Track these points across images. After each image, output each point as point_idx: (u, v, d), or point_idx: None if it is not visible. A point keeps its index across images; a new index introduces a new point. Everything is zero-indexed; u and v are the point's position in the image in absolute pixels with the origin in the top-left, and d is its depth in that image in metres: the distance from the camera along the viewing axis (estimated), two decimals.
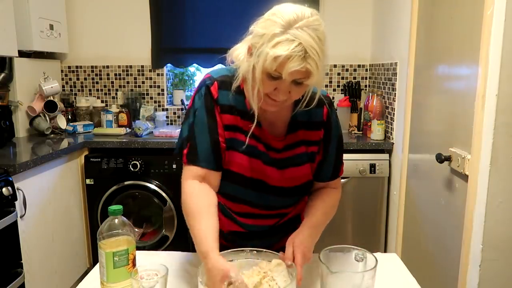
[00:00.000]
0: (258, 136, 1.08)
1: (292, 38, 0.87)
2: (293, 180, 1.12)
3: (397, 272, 1.12)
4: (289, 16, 0.89)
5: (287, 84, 0.93)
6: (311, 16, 0.90)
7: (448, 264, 1.70)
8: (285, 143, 1.10)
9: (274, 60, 0.88)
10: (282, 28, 0.88)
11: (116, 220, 0.95)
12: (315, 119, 1.11)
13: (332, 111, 1.14)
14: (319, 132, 1.12)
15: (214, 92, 1.06)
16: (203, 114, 1.06)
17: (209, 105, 1.06)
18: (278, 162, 1.10)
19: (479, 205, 1.44)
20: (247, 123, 1.06)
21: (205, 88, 1.07)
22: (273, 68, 0.89)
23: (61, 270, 2.36)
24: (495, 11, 1.34)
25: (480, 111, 1.42)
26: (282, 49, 0.87)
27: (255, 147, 1.08)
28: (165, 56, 3.09)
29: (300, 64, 0.88)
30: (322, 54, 0.90)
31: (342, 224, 2.57)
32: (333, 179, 1.17)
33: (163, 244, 2.63)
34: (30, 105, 2.68)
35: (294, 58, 0.87)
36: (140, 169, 2.54)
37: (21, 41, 2.49)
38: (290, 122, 1.10)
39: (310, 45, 0.87)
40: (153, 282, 0.90)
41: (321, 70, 0.91)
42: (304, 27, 0.88)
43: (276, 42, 0.88)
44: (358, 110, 2.86)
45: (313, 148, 1.12)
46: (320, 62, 0.90)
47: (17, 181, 1.93)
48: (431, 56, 1.92)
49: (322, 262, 0.88)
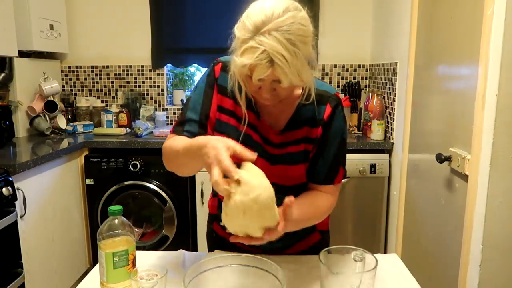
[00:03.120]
0: (255, 125, 1.07)
1: (257, 45, 0.84)
2: (285, 179, 1.09)
3: (397, 272, 1.12)
4: (257, 18, 0.86)
5: (269, 84, 0.92)
6: (282, 14, 0.86)
7: (448, 264, 1.70)
8: (282, 139, 1.08)
9: (242, 67, 0.88)
10: (250, 34, 0.86)
11: (116, 220, 0.95)
12: (317, 116, 1.07)
13: (336, 112, 1.08)
14: (317, 130, 1.08)
15: (217, 71, 1.09)
16: (202, 89, 1.10)
17: (209, 82, 1.10)
18: (271, 157, 1.08)
19: (479, 205, 1.44)
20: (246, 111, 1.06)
21: (211, 67, 1.11)
22: (246, 73, 0.90)
23: (61, 270, 2.36)
24: (495, 11, 1.34)
25: (480, 111, 1.42)
26: (247, 58, 0.86)
27: (249, 135, 1.07)
28: (165, 56, 3.09)
29: (265, 72, 0.86)
30: (292, 56, 0.85)
31: (342, 224, 2.57)
32: (327, 184, 1.10)
33: (163, 244, 2.63)
34: (30, 105, 2.68)
35: (259, 66, 0.85)
36: (140, 169, 2.54)
37: (21, 41, 2.49)
38: (292, 117, 1.08)
39: (275, 51, 0.84)
40: (153, 282, 0.89)
41: (293, 72, 0.87)
42: (272, 30, 0.84)
43: (243, 49, 0.87)
44: (358, 110, 2.86)
45: (309, 146, 1.09)
46: (288, 67, 0.85)
47: (17, 181, 1.93)
48: (431, 56, 1.92)
49: (322, 262, 0.88)
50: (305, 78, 0.92)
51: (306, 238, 1.21)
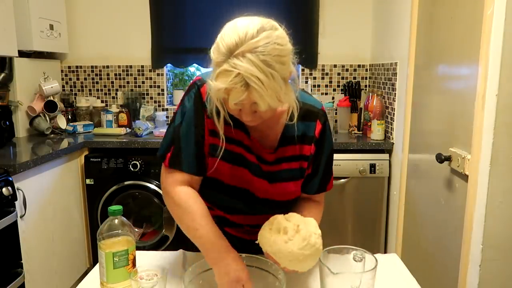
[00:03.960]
0: (248, 146, 1.06)
1: (231, 68, 0.82)
2: (283, 195, 1.10)
3: (397, 272, 1.12)
4: (231, 40, 0.83)
5: (248, 107, 0.89)
6: (256, 35, 0.83)
7: (448, 264, 1.70)
8: (276, 156, 1.07)
9: (218, 91, 0.86)
10: (223, 56, 0.83)
11: (116, 220, 0.95)
12: (308, 133, 1.08)
13: (325, 127, 1.10)
14: (310, 148, 1.08)
15: (203, 94, 1.03)
16: (192, 116, 1.03)
17: (199, 107, 1.03)
18: (270, 175, 1.08)
19: (479, 205, 1.44)
20: (235, 130, 1.04)
21: (195, 89, 1.04)
22: (223, 97, 0.87)
23: (61, 270, 2.36)
24: (495, 11, 1.34)
25: (480, 111, 1.42)
26: (221, 82, 0.83)
27: (243, 156, 1.06)
28: (165, 56, 3.09)
29: (240, 96, 0.84)
30: (268, 78, 0.82)
31: (342, 224, 2.57)
32: (319, 193, 1.14)
33: (163, 244, 2.63)
34: (30, 105, 2.68)
35: (234, 90, 0.83)
36: (140, 169, 2.54)
37: (21, 41, 2.49)
38: (282, 135, 1.07)
39: (250, 73, 0.81)
40: (153, 282, 0.89)
41: (270, 94, 0.83)
42: (246, 52, 0.81)
43: (217, 73, 0.84)
44: (358, 110, 2.86)
45: (304, 163, 1.09)
46: (264, 90, 0.82)
47: (17, 181, 1.93)
48: (431, 56, 1.92)
49: (323, 262, 0.88)
50: (284, 99, 0.89)
51: None
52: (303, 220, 0.94)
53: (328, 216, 2.51)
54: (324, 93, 3.10)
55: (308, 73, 3.08)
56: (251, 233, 1.11)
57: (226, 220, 1.15)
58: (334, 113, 2.97)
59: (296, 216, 0.95)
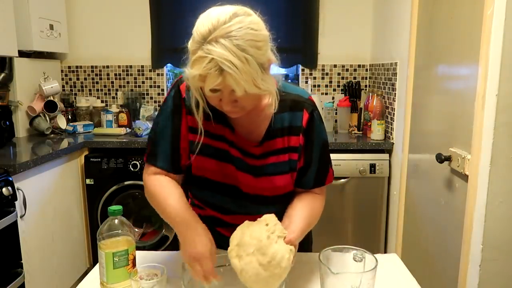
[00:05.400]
0: (231, 141, 1.05)
1: (204, 54, 0.83)
2: (271, 190, 1.08)
3: (397, 272, 1.12)
4: (204, 28, 0.84)
5: (227, 95, 0.89)
6: (229, 20, 0.83)
7: (448, 264, 1.70)
8: (263, 150, 1.06)
9: (193, 79, 0.86)
10: (198, 44, 0.84)
11: (116, 220, 0.95)
12: (295, 124, 1.05)
13: (313, 116, 1.07)
14: (298, 138, 1.06)
15: (182, 91, 1.04)
16: (168, 114, 1.05)
17: (177, 105, 1.05)
18: (255, 169, 1.06)
19: (479, 205, 1.44)
20: (218, 126, 1.04)
21: (176, 87, 1.06)
22: (200, 85, 0.88)
23: (61, 270, 2.36)
24: (495, 11, 1.34)
25: (480, 111, 1.42)
26: (196, 68, 0.84)
27: (226, 151, 1.05)
28: (165, 56, 3.09)
29: (216, 81, 0.84)
30: (243, 62, 0.82)
31: (342, 224, 2.57)
32: (316, 187, 1.11)
33: (163, 244, 2.63)
34: (30, 105, 2.68)
35: (209, 76, 0.83)
36: (140, 169, 2.54)
37: (21, 41, 2.49)
38: (268, 128, 1.05)
39: (224, 58, 0.81)
40: (152, 282, 0.90)
41: (246, 78, 0.83)
42: (219, 37, 0.82)
43: (192, 60, 0.86)
44: (358, 110, 2.86)
45: (294, 155, 1.07)
46: (239, 74, 0.82)
47: (17, 181, 1.93)
48: (431, 56, 1.92)
49: (323, 262, 0.88)
50: (262, 85, 0.88)
51: None
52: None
53: (328, 216, 2.51)
54: (324, 93, 3.10)
55: (308, 73, 3.08)
56: None
57: (218, 220, 1.13)
58: (334, 113, 2.97)
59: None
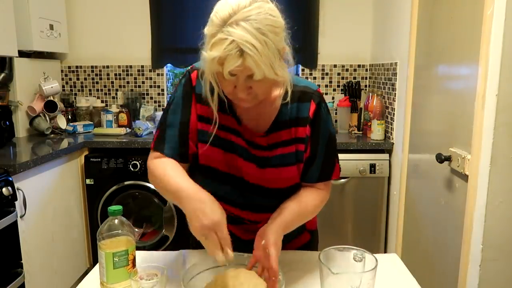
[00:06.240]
0: (238, 131, 1.05)
1: (225, 36, 0.83)
2: (275, 182, 1.07)
3: (397, 272, 1.12)
4: (224, 12, 0.85)
5: (242, 81, 0.90)
6: (249, 5, 0.85)
7: (448, 264, 1.70)
8: (269, 141, 1.06)
9: (212, 61, 0.86)
10: (218, 27, 0.85)
11: (116, 220, 0.95)
12: (302, 114, 1.05)
13: (320, 107, 1.06)
14: (305, 129, 1.05)
15: (193, 79, 1.05)
16: (178, 102, 1.06)
17: (187, 93, 1.06)
18: (260, 160, 1.06)
19: (479, 205, 1.44)
20: (224, 116, 1.04)
21: (186, 76, 1.07)
22: (217, 69, 0.88)
23: (61, 270, 2.36)
24: (495, 11, 1.34)
25: (480, 111, 1.42)
26: (216, 50, 0.84)
27: (232, 141, 1.05)
28: (165, 56, 3.09)
29: (236, 63, 0.84)
30: (263, 45, 0.84)
31: (342, 224, 2.57)
32: (320, 181, 1.10)
33: (163, 244, 2.63)
34: (30, 105, 2.68)
35: (229, 57, 0.84)
36: (140, 169, 2.54)
37: (21, 41, 2.49)
38: (275, 120, 1.05)
39: (244, 40, 0.82)
40: (152, 282, 0.89)
41: (265, 62, 0.85)
42: (240, 21, 0.83)
43: (212, 43, 0.86)
44: (358, 110, 2.86)
45: (301, 146, 1.06)
46: (259, 56, 0.83)
47: (17, 181, 1.93)
48: (431, 56, 1.92)
49: (323, 262, 0.88)
50: (279, 71, 0.89)
51: (296, 238, 1.20)
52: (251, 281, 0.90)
53: (328, 216, 2.52)
54: (324, 93, 3.08)
55: (308, 73, 3.08)
56: (250, 231, 1.09)
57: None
58: (334, 113, 2.97)
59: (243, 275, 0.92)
